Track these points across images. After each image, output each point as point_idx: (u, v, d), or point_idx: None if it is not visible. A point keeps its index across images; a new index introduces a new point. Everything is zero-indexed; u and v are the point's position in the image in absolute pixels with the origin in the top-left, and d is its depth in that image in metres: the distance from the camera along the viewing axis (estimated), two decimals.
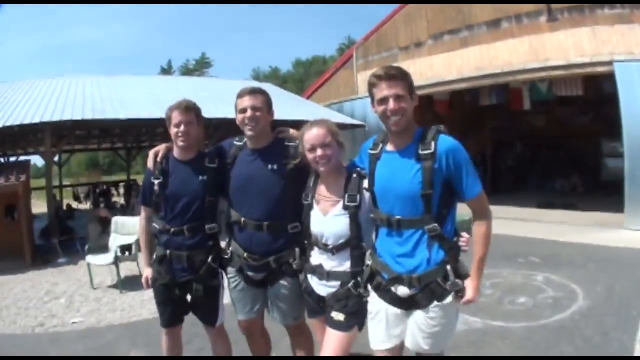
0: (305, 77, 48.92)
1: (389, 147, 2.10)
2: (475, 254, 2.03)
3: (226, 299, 2.71)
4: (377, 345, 2.13)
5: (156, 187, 2.60)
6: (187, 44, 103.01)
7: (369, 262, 2.17)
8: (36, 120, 8.07)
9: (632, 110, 8.57)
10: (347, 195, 2.21)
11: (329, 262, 2.27)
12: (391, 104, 1.95)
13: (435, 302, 1.98)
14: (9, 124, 7.98)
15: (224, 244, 2.67)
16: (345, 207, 2.21)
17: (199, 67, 54.52)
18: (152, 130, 12.85)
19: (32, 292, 5.99)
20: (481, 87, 11.57)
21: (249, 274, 2.54)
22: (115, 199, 17.19)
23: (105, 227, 7.92)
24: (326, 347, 2.22)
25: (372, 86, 2.03)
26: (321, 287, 2.30)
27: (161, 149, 2.70)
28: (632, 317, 4.13)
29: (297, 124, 2.52)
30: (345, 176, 2.27)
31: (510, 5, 10.54)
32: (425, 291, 1.98)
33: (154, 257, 2.70)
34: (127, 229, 6.43)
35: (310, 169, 2.35)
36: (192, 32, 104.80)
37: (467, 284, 1.99)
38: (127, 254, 6.21)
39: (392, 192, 2.02)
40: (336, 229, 2.22)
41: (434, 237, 1.97)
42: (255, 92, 2.49)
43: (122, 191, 17.78)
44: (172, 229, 2.58)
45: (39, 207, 12.17)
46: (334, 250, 2.24)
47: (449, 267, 1.98)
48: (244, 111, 2.43)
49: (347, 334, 2.21)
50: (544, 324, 4.13)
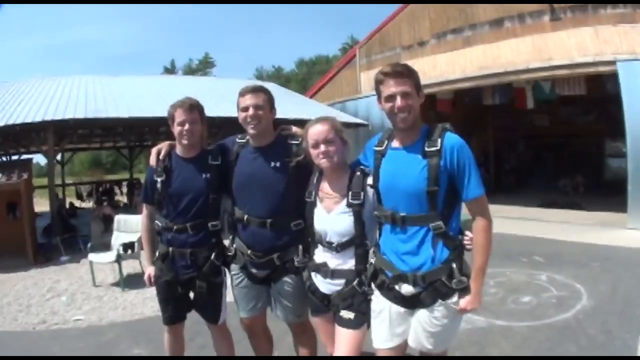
0: (308, 77, 48.95)
1: (394, 143, 2.08)
2: (473, 262, 1.98)
3: (228, 297, 2.70)
4: (380, 344, 2.11)
5: (159, 185, 2.59)
6: (191, 44, 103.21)
7: (372, 260, 2.15)
8: (38, 119, 8.10)
9: (635, 109, 8.54)
10: (350, 192, 2.19)
11: (333, 260, 2.26)
12: (399, 101, 1.95)
13: (439, 301, 1.97)
14: (11, 122, 8.02)
15: (227, 242, 2.67)
16: (349, 204, 2.19)
17: (202, 67, 54.53)
18: (155, 129, 12.85)
19: (34, 290, 5.99)
20: (484, 86, 11.55)
21: (253, 271, 2.53)
22: (118, 198, 17.20)
23: (107, 226, 7.94)
24: (339, 347, 2.20)
25: (379, 83, 2.01)
26: (325, 285, 2.29)
27: (164, 146, 2.69)
28: (636, 317, 4.12)
29: (301, 123, 2.51)
30: (348, 174, 2.25)
31: (513, 4, 10.52)
32: (429, 290, 1.97)
33: (157, 254, 2.70)
34: (130, 227, 6.45)
35: (313, 167, 2.33)
36: (195, 32, 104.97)
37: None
38: (129, 252, 6.22)
39: (397, 189, 2.00)
40: (340, 227, 2.21)
41: (439, 234, 1.95)
42: (257, 90, 2.48)
43: (125, 190, 17.82)
44: (175, 227, 2.57)
45: (42, 205, 12.19)
46: (338, 248, 2.22)
47: (454, 266, 1.96)
48: (246, 109, 2.42)
49: (358, 332, 2.20)
50: (548, 323, 4.12)
